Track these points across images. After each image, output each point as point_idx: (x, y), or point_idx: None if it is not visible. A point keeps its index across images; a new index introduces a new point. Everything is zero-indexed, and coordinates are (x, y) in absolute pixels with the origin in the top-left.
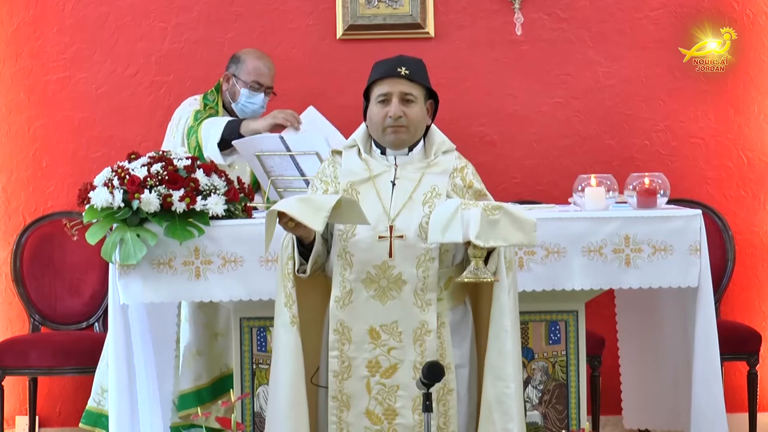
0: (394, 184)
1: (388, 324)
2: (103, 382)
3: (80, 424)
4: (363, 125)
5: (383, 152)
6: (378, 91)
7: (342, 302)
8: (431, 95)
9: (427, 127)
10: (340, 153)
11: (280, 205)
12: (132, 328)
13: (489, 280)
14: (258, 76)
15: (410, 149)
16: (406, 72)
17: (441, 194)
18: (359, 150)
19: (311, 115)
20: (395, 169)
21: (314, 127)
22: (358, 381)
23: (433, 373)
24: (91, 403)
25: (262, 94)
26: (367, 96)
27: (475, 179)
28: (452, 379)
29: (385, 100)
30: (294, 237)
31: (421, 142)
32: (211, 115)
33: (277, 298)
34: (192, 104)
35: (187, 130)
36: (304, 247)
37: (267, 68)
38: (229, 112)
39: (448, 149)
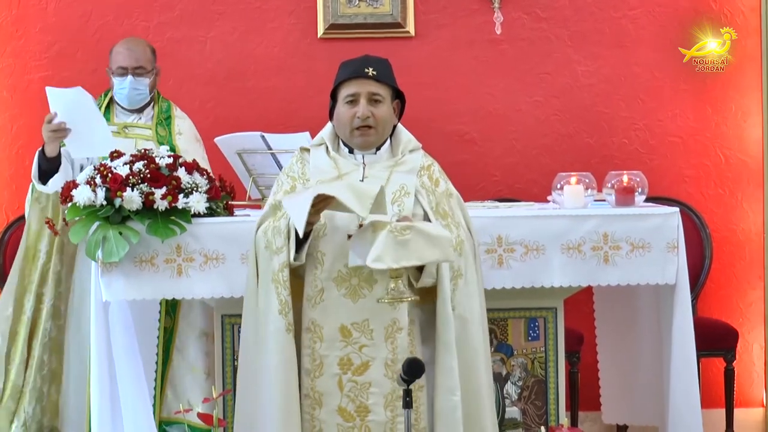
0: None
1: (359, 322)
2: None
3: None
4: (329, 124)
5: (351, 151)
6: (346, 91)
7: (313, 301)
8: (397, 95)
9: (394, 127)
10: (308, 150)
11: (328, 189)
12: (114, 325)
13: (409, 299)
14: (119, 62)
15: (378, 148)
16: (374, 72)
17: (410, 193)
18: (327, 148)
19: (52, 95)
20: (364, 168)
21: (63, 104)
22: (330, 378)
23: (413, 369)
24: None
25: (129, 77)
26: (333, 96)
27: (442, 177)
28: (423, 377)
29: (353, 100)
30: (290, 237)
31: (388, 141)
32: None
33: (264, 305)
34: None
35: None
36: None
37: (127, 50)
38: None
39: (414, 148)
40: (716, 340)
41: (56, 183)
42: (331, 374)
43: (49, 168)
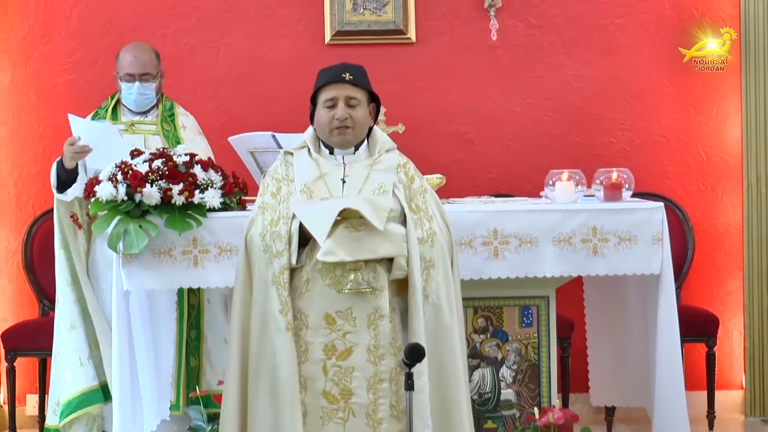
0: (344, 182)
1: (343, 310)
2: (59, 397)
3: None
4: (311, 128)
5: (332, 152)
6: (325, 96)
7: (299, 291)
8: (373, 99)
9: (370, 128)
10: (291, 153)
11: (347, 203)
12: (133, 312)
13: (366, 290)
14: (127, 68)
15: (356, 149)
16: (350, 77)
17: (387, 191)
18: (309, 150)
19: (75, 123)
20: (344, 168)
21: (86, 131)
22: (315, 364)
23: (414, 354)
24: (48, 422)
25: (136, 83)
26: (314, 101)
27: (417, 175)
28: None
29: (333, 105)
30: (292, 242)
31: (366, 142)
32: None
33: (263, 305)
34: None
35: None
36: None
37: (134, 57)
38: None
39: (390, 148)
40: (698, 327)
41: (75, 191)
42: (316, 360)
43: (67, 178)
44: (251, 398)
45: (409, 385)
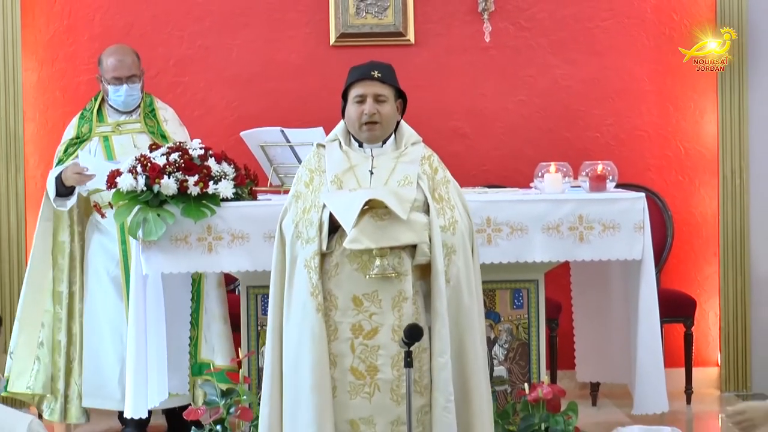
0: (372, 173)
1: (369, 293)
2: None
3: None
4: (342, 122)
5: (360, 145)
6: (354, 92)
7: (329, 274)
8: (400, 95)
9: (397, 123)
10: (323, 146)
11: (373, 194)
12: (149, 295)
13: (391, 275)
14: (114, 71)
15: (384, 142)
16: (379, 75)
17: (412, 182)
18: (340, 143)
19: (83, 158)
20: (372, 160)
21: (90, 163)
22: (343, 342)
23: (413, 334)
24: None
25: (124, 85)
26: (344, 96)
27: (440, 167)
28: (426, 339)
29: (361, 100)
30: (323, 229)
31: (393, 135)
32: (84, 123)
33: (296, 288)
34: (72, 123)
35: (59, 160)
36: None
37: (120, 61)
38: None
39: (416, 141)
40: (677, 309)
41: (71, 202)
42: (344, 338)
43: (64, 192)
44: (286, 373)
45: (408, 363)
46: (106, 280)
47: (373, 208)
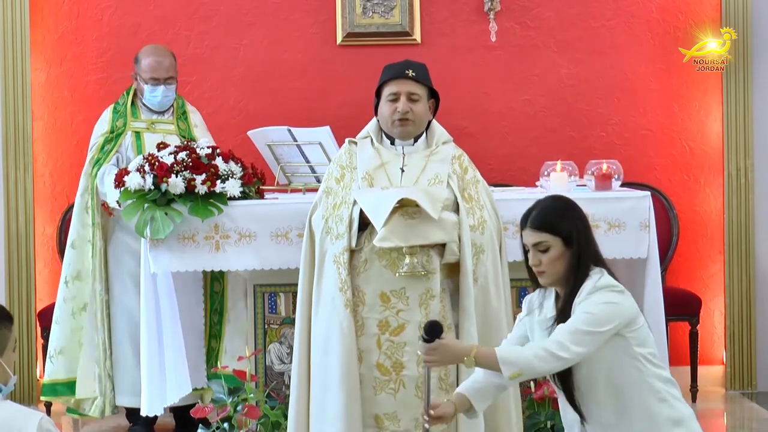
0: (403, 171)
1: (397, 289)
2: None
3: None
4: (374, 119)
5: (392, 142)
6: (388, 90)
7: (358, 270)
8: (433, 94)
9: (429, 122)
10: (355, 143)
11: (405, 193)
12: (161, 294)
13: (421, 273)
14: (152, 72)
15: (415, 140)
16: (413, 74)
17: (443, 181)
18: (372, 140)
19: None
20: (403, 158)
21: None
22: (370, 338)
23: (433, 330)
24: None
25: (162, 86)
26: (378, 94)
27: (470, 166)
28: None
29: (395, 98)
30: (353, 226)
31: (424, 134)
32: (119, 117)
33: (325, 283)
34: (104, 116)
35: (93, 157)
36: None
37: (158, 63)
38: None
39: (446, 140)
40: (682, 307)
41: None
42: (371, 334)
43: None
44: (314, 367)
45: None
46: (127, 278)
47: (403, 206)
